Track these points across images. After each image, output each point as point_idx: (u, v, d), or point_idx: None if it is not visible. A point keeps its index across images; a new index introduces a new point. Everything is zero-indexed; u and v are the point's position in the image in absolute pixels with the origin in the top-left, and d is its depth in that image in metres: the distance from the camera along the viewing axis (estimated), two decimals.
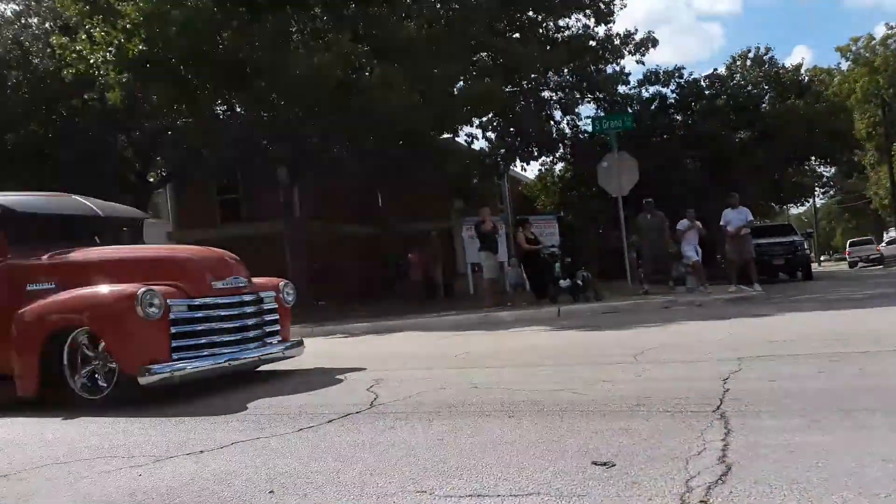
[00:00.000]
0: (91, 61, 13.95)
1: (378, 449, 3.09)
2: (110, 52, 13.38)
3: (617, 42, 23.33)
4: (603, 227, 23.93)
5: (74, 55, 14.45)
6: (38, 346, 4.94)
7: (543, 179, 27.97)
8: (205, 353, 5.04)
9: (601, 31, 23.12)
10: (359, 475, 2.71)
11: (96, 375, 4.95)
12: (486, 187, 20.70)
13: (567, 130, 24.80)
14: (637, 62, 23.58)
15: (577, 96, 24.54)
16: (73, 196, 6.53)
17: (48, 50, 17.09)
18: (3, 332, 5.09)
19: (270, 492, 2.59)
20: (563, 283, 11.85)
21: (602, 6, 22.35)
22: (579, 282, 11.70)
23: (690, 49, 71.24)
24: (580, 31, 22.86)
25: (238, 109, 15.96)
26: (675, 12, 72.79)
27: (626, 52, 23.30)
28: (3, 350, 5.09)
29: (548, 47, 21.22)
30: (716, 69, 25.98)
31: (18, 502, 2.73)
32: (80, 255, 5.51)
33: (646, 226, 12.99)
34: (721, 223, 12.88)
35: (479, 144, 21.01)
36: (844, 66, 46.43)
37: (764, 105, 25.73)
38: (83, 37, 13.89)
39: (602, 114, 23.31)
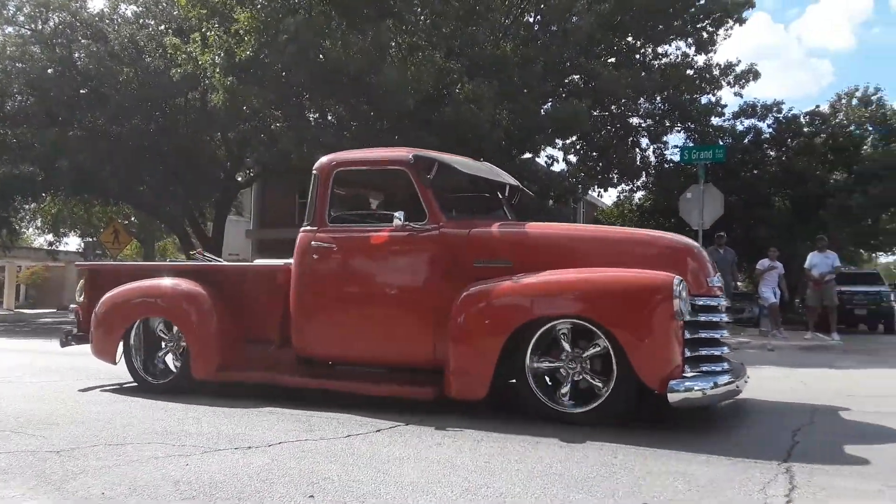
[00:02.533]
0: (200, 63, 14.71)
1: (422, 465, 3.05)
2: (219, 55, 14.05)
3: (716, 73, 22.70)
4: None
5: (185, 56, 15.28)
6: (503, 338, 3.95)
7: (621, 206, 27.43)
8: (703, 369, 3.83)
9: (701, 60, 22.57)
10: (399, 489, 2.68)
11: (578, 384, 3.91)
12: (561, 210, 20.42)
13: (652, 158, 24.29)
14: (735, 94, 22.82)
15: (667, 124, 24.01)
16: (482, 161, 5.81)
17: (160, 50, 18.12)
18: (419, 309, 4.38)
19: (310, 496, 2.59)
20: None
21: (705, 35, 21.82)
22: None
23: (798, 85, 68.54)
24: (678, 60, 22.39)
25: (330, 118, 16.40)
26: (785, 48, 70.12)
27: (724, 84, 22.63)
28: (407, 329, 4.41)
29: (642, 73, 20.86)
30: (818, 106, 24.85)
31: (63, 479, 2.82)
32: (536, 229, 4.66)
33: (715, 260, 12.50)
34: (805, 266, 12.24)
35: (560, 167, 20.79)
36: None
37: (865, 147, 24.38)
38: (196, 38, 14.65)
39: (691, 144, 22.69)
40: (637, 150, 24.57)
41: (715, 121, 24.01)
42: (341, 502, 2.53)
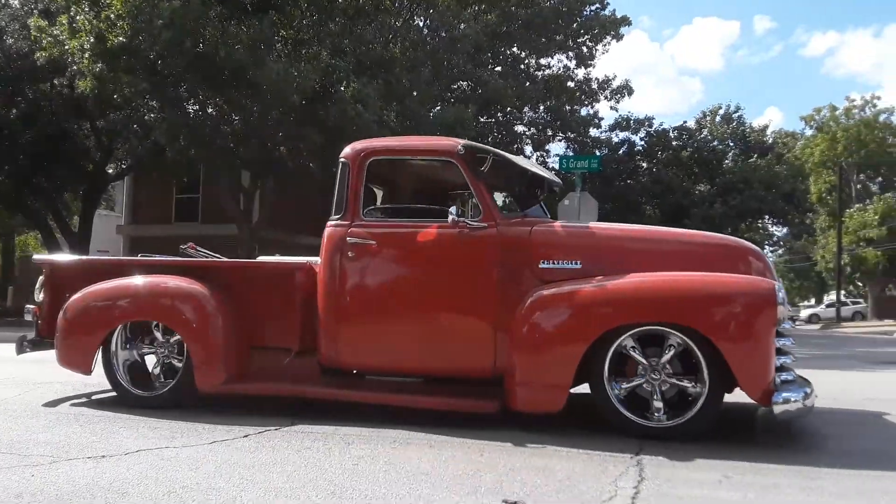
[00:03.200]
0: (67, 47, 13.71)
1: (288, 469, 3.00)
2: (89, 40, 13.16)
3: (594, 86, 23.89)
4: None
5: (50, 39, 14.21)
6: (585, 345, 3.63)
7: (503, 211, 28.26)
8: (783, 378, 3.56)
9: (581, 73, 23.67)
10: (262, 494, 2.62)
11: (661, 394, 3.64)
12: None
13: None
14: (611, 108, 24.11)
15: (549, 134, 24.97)
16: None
17: (24, 32, 16.76)
18: (478, 314, 4.05)
19: None
20: None
21: (585, 50, 22.90)
22: None
23: (670, 101, 73.52)
24: (560, 72, 23.36)
25: (210, 110, 15.80)
26: (660, 65, 75.12)
27: (601, 97, 23.87)
28: (464, 337, 4.05)
29: (527, 83, 21.60)
30: (685, 122, 26.76)
31: None
32: (603, 229, 4.51)
33: None
34: None
35: None
36: (808, 132, 48.18)
37: (727, 161, 26.49)
38: (63, 22, 13.65)
39: (571, 153, 23.72)
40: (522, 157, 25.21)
41: (593, 132, 25.29)
42: None
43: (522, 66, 22.83)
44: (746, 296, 3.59)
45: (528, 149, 25.13)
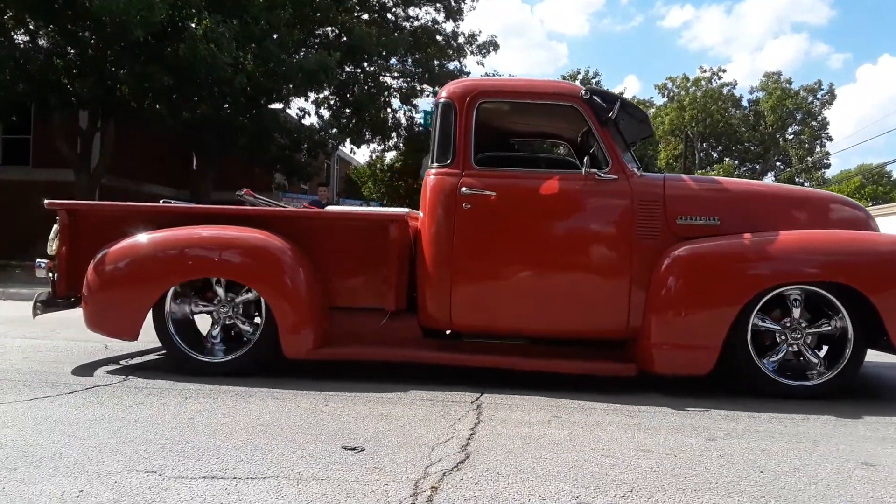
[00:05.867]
0: None
1: (116, 424, 2.84)
2: None
3: (461, 41, 23.94)
4: None
5: None
6: (740, 305, 3.51)
7: (373, 166, 27.99)
8: None
9: (449, 27, 23.61)
10: (86, 450, 2.46)
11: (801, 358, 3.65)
12: (312, 164, 20.21)
13: (403, 120, 25.01)
14: (478, 63, 24.33)
15: (418, 88, 24.83)
16: None
17: None
18: (612, 271, 3.80)
19: None
20: None
21: (453, 3, 22.80)
22: None
23: (538, 64, 75.33)
24: (428, 24, 23.15)
25: (42, 42, 14.18)
26: (530, 28, 76.58)
27: (468, 52, 23.99)
28: (596, 296, 3.79)
29: (395, 33, 21.23)
30: None
31: None
32: (736, 184, 4.32)
33: None
34: None
35: (312, 120, 20.49)
36: (661, 101, 51.40)
37: None
38: None
39: None
40: (390, 109, 25.06)
41: None
42: (12, 468, 2.26)
43: (390, 16, 22.41)
44: None
45: (396, 102, 24.92)
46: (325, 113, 20.79)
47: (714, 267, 3.70)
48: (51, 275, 4.11)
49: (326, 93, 20.39)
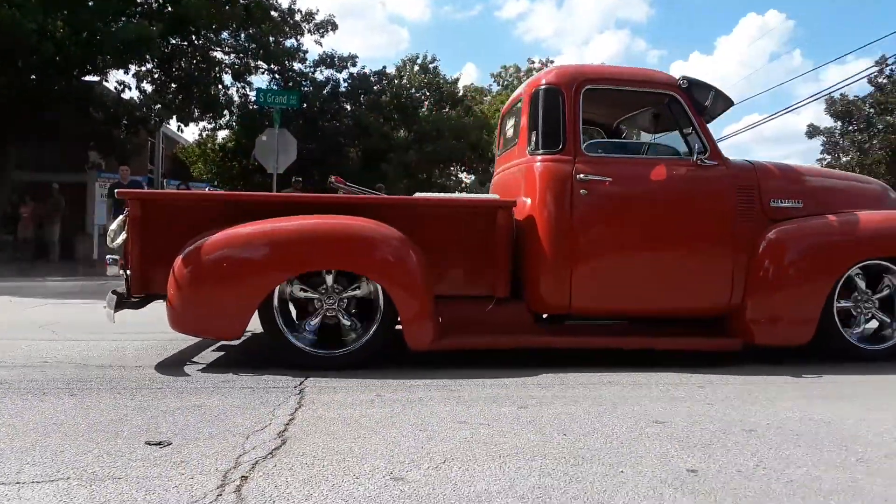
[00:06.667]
0: None
1: None
2: None
3: (298, 18, 23.21)
4: None
5: None
6: (833, 280, 3.97)
7: (203, 145, 26.49)
8: None
9: (285, 2, 22.78)
10: None
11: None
12: (132, 142, 18.69)
13: (236, 98, 23.89)
14: (316, 42, 23.71)
15: (252, 65, 23.79)
16: None
17: None
18: (718, 252, 4.03)
19: None
20: None
21: None
22: None
23: (379, 47, 74.71)
24: None
25: None
26: (371, 10, 75.62)
27: (305, 30, 23.31)
28: (705, 276, 4.00)
29: (226, 7, 20.11)
30: (384, 67, 27.45)
31: None
32: (810, 171, 4.67)
33: None
34: None
35: (133, 95, 18.91)
36: (496, 89, 53.14)
37: (423, 110, 28.00)
38: None
39: (275, 87, 22.98)
40: (221, 86, 23.80)
41: (298, 66, 24.72)
42: None
43: None
44: None
45: (228, 78, 23.69)
46: (148, 87, 19.28)
47: (813, 245, 4.10)
48: (122, 272, 3.75)
49: (149, 66, 18.92)
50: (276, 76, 24.19)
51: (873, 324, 4.30)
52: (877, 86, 21.05)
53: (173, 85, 19.85)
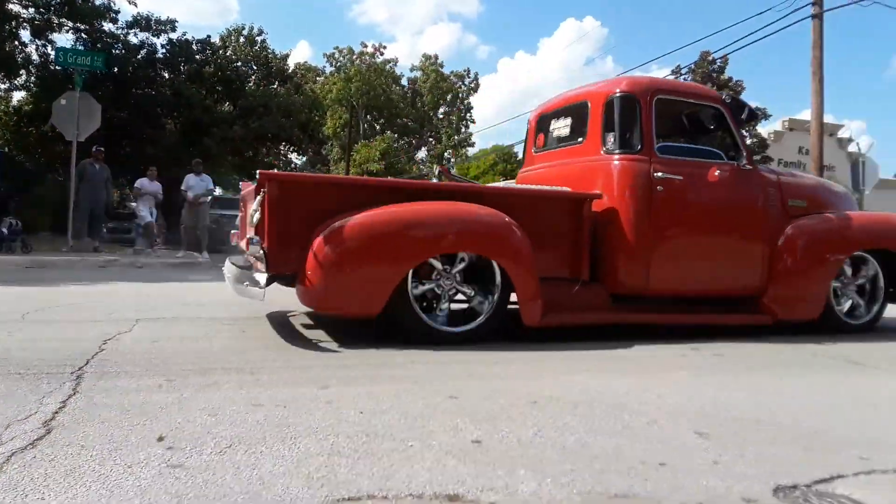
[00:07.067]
0: None
1: None
2: None
3: None
4: (64, 172, 21.39)
5: None
6: (838, 266, 5.02)
7: None
8: None
9: None
10: None
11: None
12: None
13: (35, 57, 21.42)
14: (130, 2, 21.79)
15: (55, 21, 21.41)
16: None
17: None
18: (753, 243, 4.85)
19: None
20: None
21: None
22: (3, 230, 10.13)
23: (206, 16, 69.81)
24: None
25: None
26: None
27: None
28: (745, 262, 4.83)
29: None
30: (209, 36, 25.87)
31: None
32: (796, 174, 5.62)
33: (89, 176, 11.94)
34: (182, 187, 12.80)
35: None
36: (329, 70, 52.22)
37: (249, 84, 26.82)
38: None
39: (81, 47, 20.84)
40: (17, 43, 21.26)
41: (108, 27, 22.61)
42: None
43: None
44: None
45: (26, 34, 21.10)
46: None
47: (821, 240, 4.99)
48: (263, 251, 3.77)
49: None
50: (84, 35, 21.98)
51: (848, 303, 5.26)
52: None
53: None
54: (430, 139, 54.03)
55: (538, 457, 2.16)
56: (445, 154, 51.18)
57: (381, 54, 51.37)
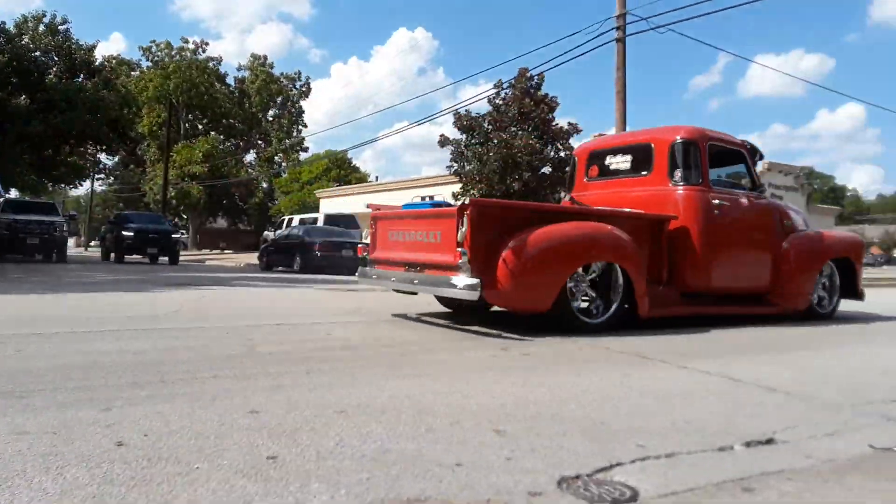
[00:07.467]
0: None
1: None
2: None
3: None
4: None
5: None
6: (819, 269, 7.06)
7: None
8: None
9: None
10: None
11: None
12: None
13: None
14: None
15: None
16: None
17: None
18: (768, 253, 6.73)
19: None
20: None
21: None
22: None
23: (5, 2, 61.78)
24: None
25: None
26: None
27: None
28: (765, 267, 6.70)
29: None
30: (3, 22, 23.06)
31: None
32: (776, 202, 7.49)
33: None
34: None
35: None
36: (146, 64, 48.72)
37: (50, 76, 24.29)
38: None
39: None
40: None
41: None
42: None
43: None
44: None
45: None
46: None
47: (810, 251, 6.96)
48: (468, 261, 4.84)
49: None
50: None
51: (816, 297, 7.25)
52: (494, 106, 24.52)
53: None
54: (260, 142, 52.22)
55: (335, 468, 2.10)
56: (276, 158, 49.75)
57: (204, 51, 48.92)
